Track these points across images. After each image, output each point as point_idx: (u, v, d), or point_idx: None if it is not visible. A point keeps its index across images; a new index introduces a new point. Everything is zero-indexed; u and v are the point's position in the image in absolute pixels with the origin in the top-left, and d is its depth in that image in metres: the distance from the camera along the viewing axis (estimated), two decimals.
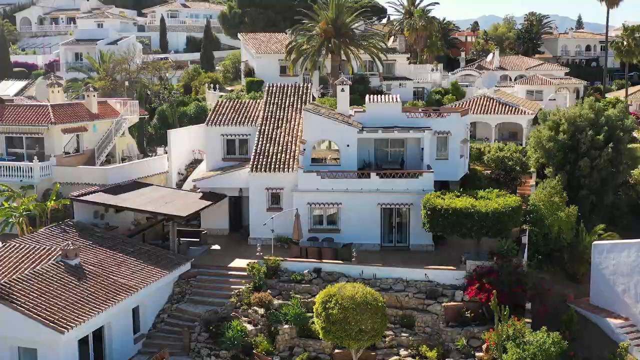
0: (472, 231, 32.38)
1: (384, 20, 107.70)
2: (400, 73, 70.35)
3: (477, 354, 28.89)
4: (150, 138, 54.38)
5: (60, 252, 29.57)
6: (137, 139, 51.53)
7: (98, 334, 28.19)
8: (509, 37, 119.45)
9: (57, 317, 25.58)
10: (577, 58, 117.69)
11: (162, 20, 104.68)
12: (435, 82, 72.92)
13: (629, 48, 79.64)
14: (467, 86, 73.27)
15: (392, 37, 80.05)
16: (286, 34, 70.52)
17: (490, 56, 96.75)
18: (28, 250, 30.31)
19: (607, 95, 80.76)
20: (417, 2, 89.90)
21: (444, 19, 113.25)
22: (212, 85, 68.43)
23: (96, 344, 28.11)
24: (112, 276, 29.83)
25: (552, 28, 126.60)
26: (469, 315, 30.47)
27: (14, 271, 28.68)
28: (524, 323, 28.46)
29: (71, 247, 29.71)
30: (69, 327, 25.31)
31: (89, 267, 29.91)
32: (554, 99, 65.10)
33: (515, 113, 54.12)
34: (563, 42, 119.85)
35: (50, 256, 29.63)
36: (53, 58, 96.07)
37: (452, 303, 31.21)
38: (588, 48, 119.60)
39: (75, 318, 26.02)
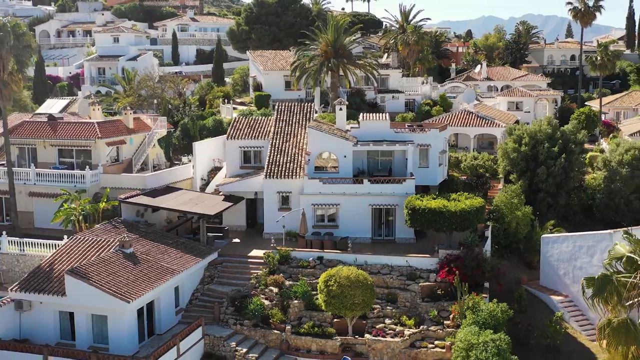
0: (444, 226, 39.52)
1: (380, 32, 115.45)
2: (394, 86, 75.66)
3: (445, 322, 36.44)
4: (174, 148, 61.76)
5: (117, 243, 37.35)
6: (164, 149, 58.58)
7: (149, 306, 35.82)
8: (499, 47, 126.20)
9: (122, 291, 33.28)
10: (562, 67, 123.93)
11: (174, 34, 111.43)
12: (425, 94, 77.40)
13: (602, 62, 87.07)
14: (454, 97, 79.17)
15: (387, 52, 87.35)
16: (290, 51, 77.43)
17: (478, 67, 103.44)
18: (92, 242, 38.05)
19: (586, 103, 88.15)
20: (410, 19, 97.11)
21: (437, 31, 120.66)
22: (225, 100, 75.74)
23: (148, 314, 35.77)
24: (158, 262, 37.45)
25: (540, 38, 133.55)
26: (440, 292, 37.75)
27: (83, 258, 36.54)
28: (481, 297, 35.84)
29: (126, 239, 37.54)
30: (133, 299, 33.04)
31: (140, 255, 37.62)
32: (529, 111, 72.76)
33: (491, 126, 61.18)
34: (549, 52, 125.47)
35: (110, 246, 37.37)
36: (74, 70, 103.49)
37: (427, 283, 38.46)
38: (573, 58, 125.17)
39: (136, 292, 33.67)
